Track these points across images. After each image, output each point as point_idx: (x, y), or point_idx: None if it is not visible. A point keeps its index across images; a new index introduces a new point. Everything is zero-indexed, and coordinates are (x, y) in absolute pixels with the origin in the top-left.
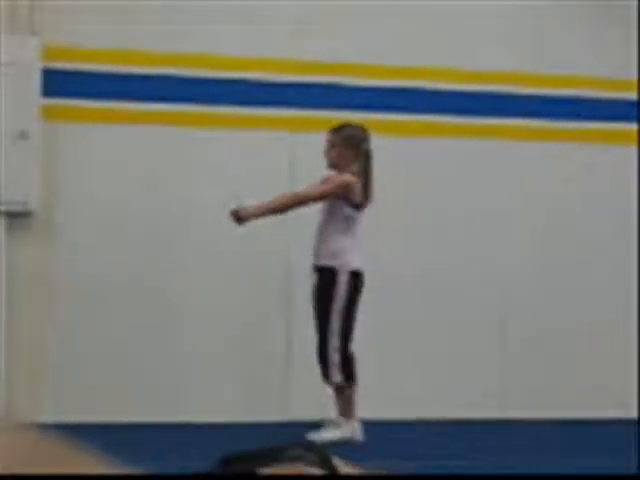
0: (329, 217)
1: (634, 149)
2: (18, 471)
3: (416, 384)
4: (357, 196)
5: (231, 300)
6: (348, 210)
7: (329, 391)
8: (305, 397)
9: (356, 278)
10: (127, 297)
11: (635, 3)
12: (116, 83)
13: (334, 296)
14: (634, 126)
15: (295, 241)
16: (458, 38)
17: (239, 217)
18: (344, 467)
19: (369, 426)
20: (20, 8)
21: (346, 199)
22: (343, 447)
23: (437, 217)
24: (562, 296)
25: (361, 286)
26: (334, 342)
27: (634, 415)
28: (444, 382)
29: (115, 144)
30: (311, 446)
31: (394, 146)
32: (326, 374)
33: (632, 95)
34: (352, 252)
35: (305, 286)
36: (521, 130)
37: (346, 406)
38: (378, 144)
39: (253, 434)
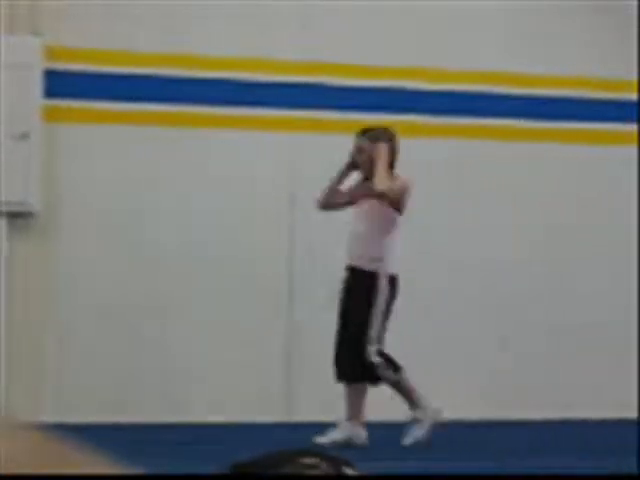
0: (372, 218)
1: (634, 149)
2: (19, 471)
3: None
4: (405, 201)
5: (232, 299)
6: (392, 213)
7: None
8: (309, 398)
9: (393, 282)
10: (127, 296)
11: (635, 4)
12: (117, 84)
13: (374, 301)
14: (634, 127)
15: (297, 242)
16: (456, 38)
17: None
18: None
19: (369, 427)
20: (21, 9)
21: (397, 204)
22: (343, 449)
23: (437, 217)
24: (562, 296)
25: (397, 291)
26: (374, 347)
27: (634, 415)
28: (442, 383)
29: (116, 145)
30: (323, 453)
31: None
32: (361, 377)
33: (632, 96)
34: (392, 255)
35: (306, 286)
36: (521, 131)
37: (355, 407)
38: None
39: (257, 435)
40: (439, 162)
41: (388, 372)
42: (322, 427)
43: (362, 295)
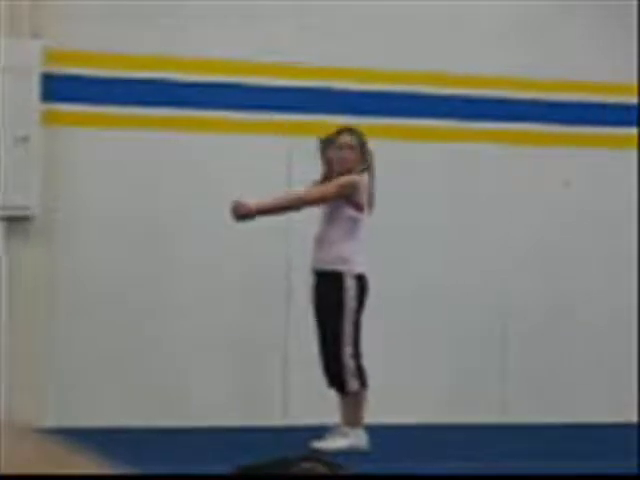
0: (333, 220)
1: (634, 153)
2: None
3: (417, 387)
4: (361, 197)
5: (230, 303)
6: (352, 212)
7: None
8: (305, 401)
9: (361, 282)
10: (127, 301)
11: (635, 5)
12: (116, 87)
13: (344, 302)
14: (634, 130)
15: (294, 243)
16: (457, 42)
17: (240, 212)
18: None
19: (369, 430)
20: (20, 12)
21: (350, 200)
22: (344, 452)
23: (435, 219)
24: (561, 297)
25: (367, 290)
26: (348, 349)
27: (634, 418)
28: (445, 386)
29: (115, 148)
30: (322, 459)
31: (393, 150)
32: (339, 382)
33: (632, 99)
34: (357, 256)
35: (304, 288)
36: (521, 134)
37: (355, 414)
38: (376, 148)
39: (253, 438)
40: (441, 166)
41: (353, 380)
42: (319, 430)
43: (331, 298)
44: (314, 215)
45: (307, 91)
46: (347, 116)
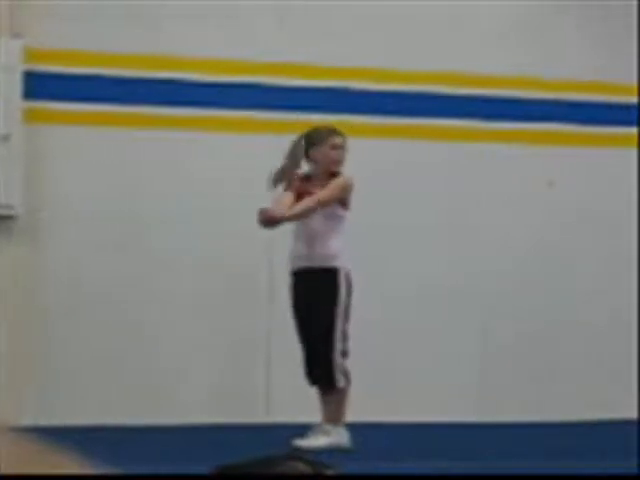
0: (325, 219)
1: (634, 152)
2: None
3: (416, 386)
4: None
5: (214, 301)
6: (341, 210)
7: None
8: (288, 399)
9: (348, 278)
10: (111, 300)
11: (635, 5)
12: (98, 85)
13: (338, 298)
14: (634, 130)
15: (278, 243)
16: (456, 41)
17: (264, 219)
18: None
19: (365, 428)
20: (1, 10)
21: (344, 200)
22: (327, 451)
23: (435, 219)
24: (561, 296)
25: (352, 288)
26: (339, 345)
27: (634, 416)
28: (444, 384)
29: (98, 147)
30: (305, 458)
31: (387, 149)
32: (327, 379)
33: (632, 99)
34: (345, 252)
35: (287, 288)
36: (520, 133)
37: (337, 411)
38: (372, 147)
39: (236, 436)
40: (436, 165)
41: (341, 377)
42: (302, 429)
43: (324, 294)
44: None
45: (306, 90)
46: (347, 115)
